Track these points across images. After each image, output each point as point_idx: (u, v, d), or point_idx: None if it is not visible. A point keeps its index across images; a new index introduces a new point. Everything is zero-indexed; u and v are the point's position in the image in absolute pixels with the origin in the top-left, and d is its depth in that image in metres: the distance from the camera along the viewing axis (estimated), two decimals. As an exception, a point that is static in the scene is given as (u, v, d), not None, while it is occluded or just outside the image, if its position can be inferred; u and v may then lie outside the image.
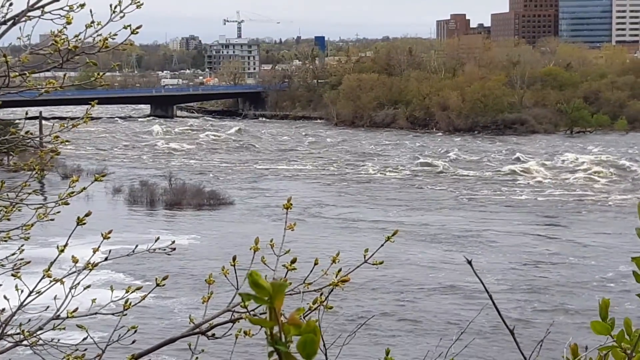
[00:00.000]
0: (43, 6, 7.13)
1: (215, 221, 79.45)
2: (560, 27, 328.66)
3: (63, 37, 7.32)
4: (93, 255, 7.17)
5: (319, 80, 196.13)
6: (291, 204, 7.25)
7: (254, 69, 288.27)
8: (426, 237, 70.82)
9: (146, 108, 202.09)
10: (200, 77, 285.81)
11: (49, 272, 7.22)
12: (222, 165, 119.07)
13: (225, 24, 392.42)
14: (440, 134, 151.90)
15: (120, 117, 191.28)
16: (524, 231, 73.46)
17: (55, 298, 7.13)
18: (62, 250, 7.15)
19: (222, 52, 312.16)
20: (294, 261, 6.91)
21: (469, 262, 2.67)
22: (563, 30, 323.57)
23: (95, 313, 7.50)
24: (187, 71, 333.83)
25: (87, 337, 7.35)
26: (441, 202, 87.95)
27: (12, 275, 7.73)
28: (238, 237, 65.70)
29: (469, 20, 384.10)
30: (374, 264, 7.41)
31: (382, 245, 7.32)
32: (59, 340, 7.41)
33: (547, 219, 79.94)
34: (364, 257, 7.35)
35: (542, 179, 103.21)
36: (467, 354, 36.30)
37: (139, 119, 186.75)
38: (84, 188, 7.58)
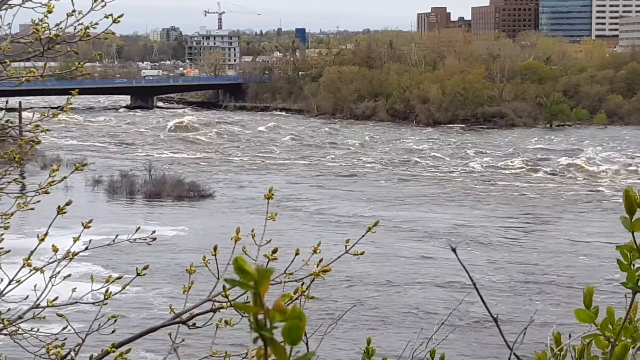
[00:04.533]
0: (24, -6, 7.10)
1: (196, 212, 79.34)
2: (540, 21, 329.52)
3: (44, 25, 7.29)
4: (73, 244, 7.14)
5: (300, 72, 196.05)
6: (272, 195, 7.24)
7: (235, 60, 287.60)
8: (410, 231, 70.92)
9: (126, 99, 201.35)
10: (181, 69, 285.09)
11: (29, 261, 7.19)
12: (202, 156, 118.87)
13: (206, 15, 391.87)
14: (421, 126, 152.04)
15: (101, 108, 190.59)
16: (509, 226, 73.65)
17: (35, 287, 7.09)
18: (42, 240, 7.12)
19: (203, 44, 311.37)
20: (275, 251, 6.90)
21: (454, 250, 2.67)
22: (543, 24, 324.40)
23: (75, 302, 7.49)
24: (168, 62, 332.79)
25: (67, 326, 7.32)
26: (425, 197, 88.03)
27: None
28: (219, 228, 65.64)
29: (449, 13, 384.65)
30: (354, 255, 7.41)
31: (363, 235, 7.34)
32: (38, 329, 7.38)
33: (532, 213, 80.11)
34: (345, 248, 7.36)
35: (525, 174, 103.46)
36: (450, 345, 36.43)
37: (119, 110, 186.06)
38: (65, 177, 7.55)
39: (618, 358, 2.71)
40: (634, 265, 2.75)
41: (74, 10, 7.27)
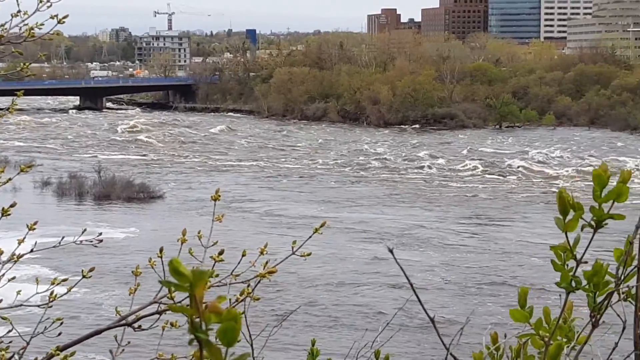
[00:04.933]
0: (-33, -6, 7.03)
1: (146, 214, 78.94)
2: (489, 22, 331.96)
3: (-13, 26, 7.23)
4: (18, 246, 7.08)
5: (250, 74, 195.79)
6: (219, 196, 7.22)
7: (185, 61, 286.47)
8: (362, 232, 71.04)
9: (75, 100, 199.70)
10: (130, 69, 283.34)
11: (-28, 264, 7.11)
12: (153, 157, 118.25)
13: (155, 15, 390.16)
14: (372, 128, 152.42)
15: (50, 109, 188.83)
16: (462, 227, 74.00)
17: (-22, 291, 7.02)
18: (-14, 242, 7.05)
19: (153, 44, 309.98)
20: (221, 252, 6.89)
21: (390, 251, 2.70)
22: (492, 25, 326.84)
23: (20, 305, 7.42)
24: (117, 63, 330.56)
25: (11, 329, 7.26)
26: (377, 198, 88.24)
27: None
28: (169, 229, 65.31)
29: (399, 15, 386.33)
30: (301, 256, 7.42)
31: (310, 237, 7.34)
32: (-19, 333, 7.31)
33: (485, 215, 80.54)
34: (292, 249, 7.36)
35: (476, 175, 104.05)
36: (400, 346, 36.58)
37: (69, 111, 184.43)
38: (10, 179, 7.48)
39: (552, 357, 2.75)
40: (567, 265, 2.79)
41: (19, 11, 7.22)
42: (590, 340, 2.88)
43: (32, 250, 7.42)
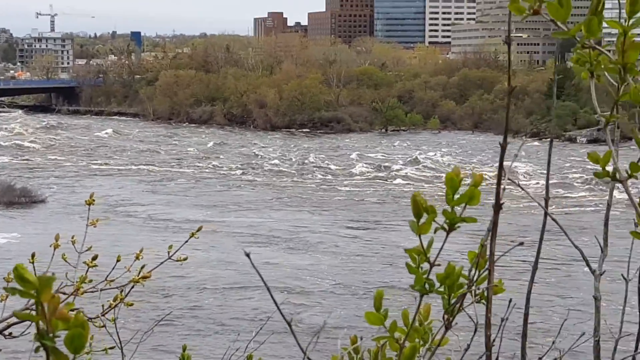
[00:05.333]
0: None
1: (28, 219, 77.38)
2: (375, 27, 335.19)
3: None
4: None
5: (135, 76, 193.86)
6: (94, 200, 7.15)
7: (68, 63, 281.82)
8: (250, 236, 70.84)
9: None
10: (12, 72, 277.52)
11: None
12: (35, 161, 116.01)
13: (38, 17, 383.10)
14: (259, 131, 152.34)
15: None
16: (350, 230, 74.33)
17: None
18: None
19: (35, 46, 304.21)
20: (95, 258, 6.81)
21: (247, 255, 2.70)
22: (378, 30, 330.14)
23: None
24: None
25: None
26: (265, 202, 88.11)
27: None
28: (51, 234, 63.55)
29: (286, 18, 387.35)
30: (177, 261, 7.38)
31: (186, 241, 7.32)
32: None
33: (373, 219, 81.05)
34: (168, 254, 7.32)
35: (365, 179, 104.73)
36: (279, 350, 36.59)
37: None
38: None
39: (407, 359, 2.79)
40: (421, 268, 2.84)
41: None
42: (445, 342, 2.93)
43: None
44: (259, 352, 5.94)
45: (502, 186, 2.85)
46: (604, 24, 2.74)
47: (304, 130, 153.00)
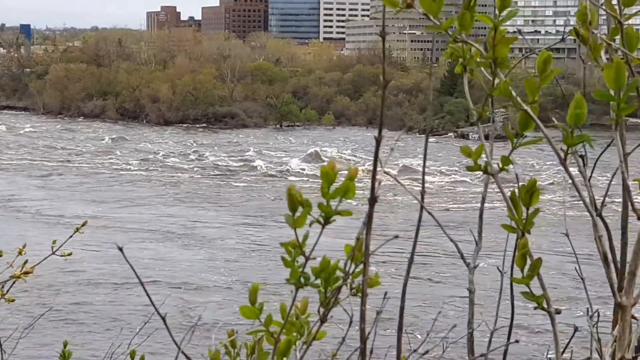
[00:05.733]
0: None
1: None
2: (270, 22, 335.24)
3: None
4: None
5: (25, 69, 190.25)
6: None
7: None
8: (144, 232, 70.16)
9: None
10: None
11: None
12: None
13: None
14: (152, 126, 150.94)
15: None
16: (246, 226, 74.15)
17: None
18: None
19: None
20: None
21: (120, 249, 2.66)
22: (273, 25, 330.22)
23: None
24: None
25: None
26: (160, 197, 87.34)
27: None
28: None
29: (179, 12, 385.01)
30: (62, 256, 7.27)
31: (71, 236, 7.22)
32: None
33: (268, 215, 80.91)
34: (52, 249, 7.21)
35: (260, 175, 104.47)
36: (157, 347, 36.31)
37: None
38: None
39: (282, 353, 2.78)
40: (297, 261, 2.83)
41: None
42: (321, 335, 2.93)
43: None
44: (143, 348, 5.87)
45: (377, 180, 2.85)
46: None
47: (198, 125, 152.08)
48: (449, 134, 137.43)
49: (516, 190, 2.74)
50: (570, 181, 2.82)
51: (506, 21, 2.64)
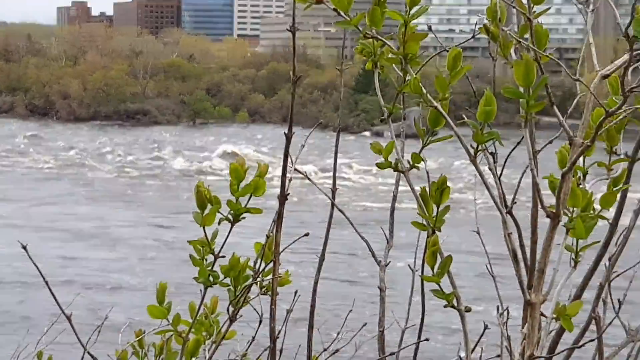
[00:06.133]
0: None
1: None
2: (183, 18, 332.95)
3: None
4: None
5: None
6: None
7: None
8: (54, 231, 69.00)
9: None
10: None
11: None
12: None
13: None
14: (66, 123, 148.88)
15: None
16: (160, 226, 73.43)
17: None
18: None
19: None
20: None
21: (24, 248, 2.59)
22: (186, 21, 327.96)
23: None
24: None
25: None
26: (72, 196, 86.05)
27: None
28: None
29: (90, 7, 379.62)
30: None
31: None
32: None
33: (181, 214, 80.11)
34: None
35: (177, 173, 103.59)
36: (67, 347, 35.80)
37: None
38: None
39: (190, 352, 2.74)
40: (206, 260, 2.79)
41: None
42: (231, 335, 2.89)
43: None
44: (51, 349, 5.76)
45: (287, 177, 2.83)
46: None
47: (111, 122, 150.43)
48: (365, 133, 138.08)
49: (427, 188, 2.74)
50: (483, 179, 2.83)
51: (416, 18, 2.63)
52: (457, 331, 43.95)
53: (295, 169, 2.92)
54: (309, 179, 3.03)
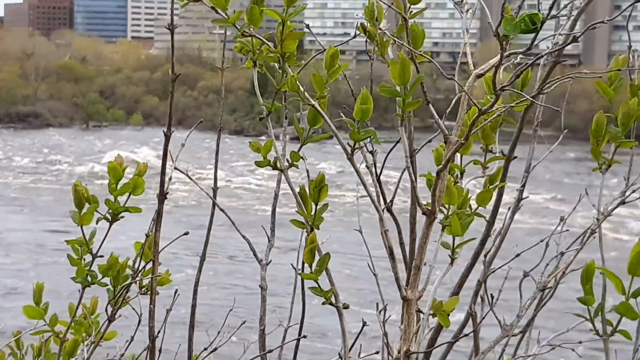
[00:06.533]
0: None
1: None
2: (75, 20, 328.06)
3: None
4: None
5: None
6: None
7: None
8: None
9: None
10: None
11: None
12: None
13: None
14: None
15: None
16: (56, 229, 72.16)
17: None
18: None
19: None
20: None
21: None
22: (79, 23, 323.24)
23: None
24: None
25: None
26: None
27: None
28: None
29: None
30: None
31: None
32: None
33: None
34: None
35: (70, 175, 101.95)
36: None
37: None
38: None
39: (68, 353, 2.71)
40: (84, 259, 2.76)
41: None
42: (111, 335, 2.87)
43: None
44: None
45: (167, 176, 2.81)
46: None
47: (1, 125, 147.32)
48: (262, 137, 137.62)
49: (305, 186, 2.76)
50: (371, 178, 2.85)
51: (294, 16, 2.65)
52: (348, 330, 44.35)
53: (176, 168, 2.91)
54: (189, 178, 3.02)
